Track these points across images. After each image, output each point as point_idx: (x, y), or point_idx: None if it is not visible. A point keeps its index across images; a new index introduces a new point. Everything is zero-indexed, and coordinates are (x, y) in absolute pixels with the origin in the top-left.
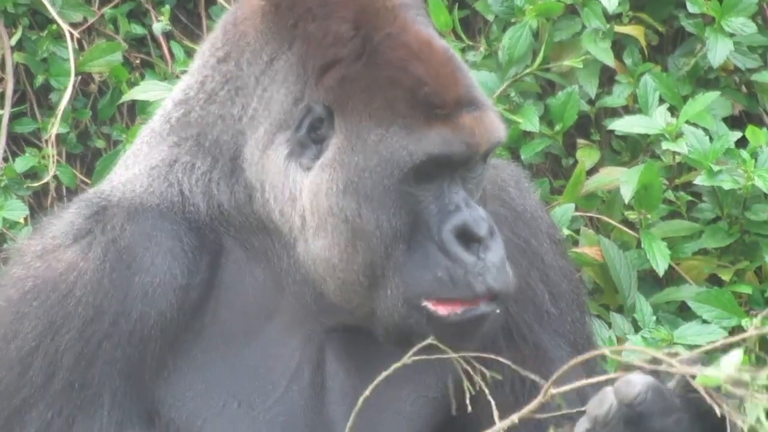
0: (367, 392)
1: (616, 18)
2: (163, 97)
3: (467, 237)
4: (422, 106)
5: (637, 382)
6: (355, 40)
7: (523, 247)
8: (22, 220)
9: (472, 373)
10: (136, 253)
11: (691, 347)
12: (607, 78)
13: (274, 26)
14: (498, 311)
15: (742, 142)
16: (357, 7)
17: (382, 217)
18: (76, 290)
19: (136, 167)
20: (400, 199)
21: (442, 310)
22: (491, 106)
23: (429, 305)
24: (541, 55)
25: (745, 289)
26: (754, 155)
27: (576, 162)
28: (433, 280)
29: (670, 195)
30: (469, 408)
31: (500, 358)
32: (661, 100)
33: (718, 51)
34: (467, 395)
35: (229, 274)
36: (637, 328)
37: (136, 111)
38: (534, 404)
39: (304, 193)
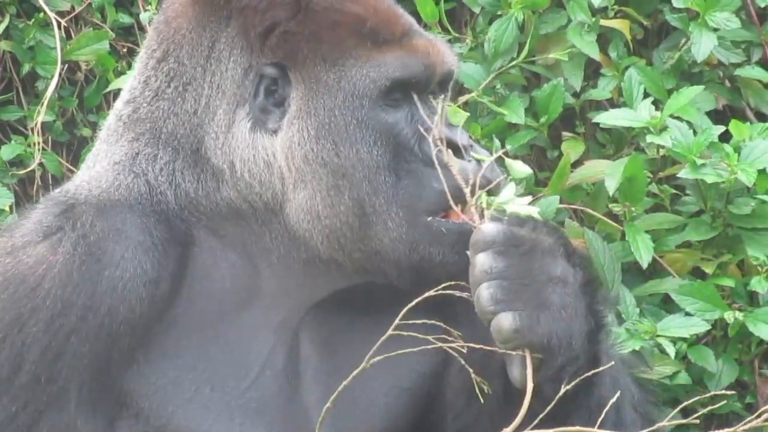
0: (346, 381)
1: (602, 12)
2: None
3: (452, 148)
4: (370, 37)
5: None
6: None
7: None
8: (7, 208)
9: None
10: (106, 248)
11: (674, 340)
12: (592, 71)
13: (207, 10)
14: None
15: (725, 136)
16: None
17: (363, 149)
18: (45, 283)
19: (98, 165)
20: (374, 128)
21: (449, 225)
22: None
23: (436, 221)
24: (526, 47)
25: (728, 282)
26: (738, 149)
27: (561, 154)
28: (435, 195)
29: (654, 188)
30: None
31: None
32: (646, 94)
33: (702, 45)
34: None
35: (202, 262)
36: (620, 321)
37: None
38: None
39: (277, 154)
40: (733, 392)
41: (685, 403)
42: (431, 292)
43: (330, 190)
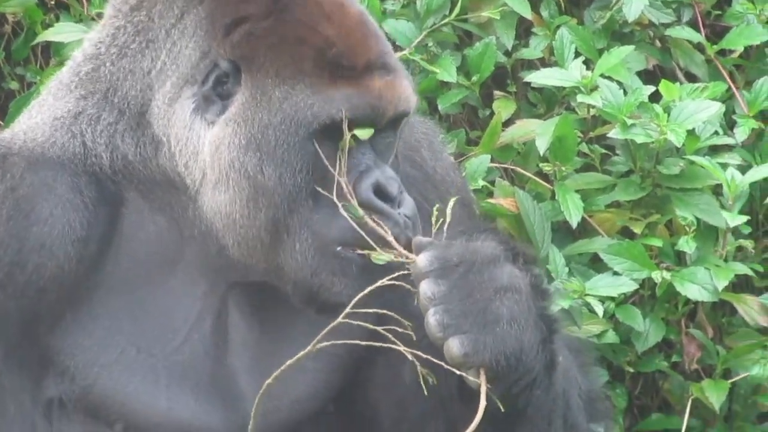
0: (283, 368)
1: None
2: (77, 39)
3: (382, 195)
4: (330, 66)
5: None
6: None
7: (430, 211)
8: None
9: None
10: (35, 204)
11: (602, 299)
12: (523, 30)
13: None
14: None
15: (655, 97)
16: None
17: (285, 174)
18: None
19: (39, 117)
20: (304, 156)
21: (354, 255)
22: (405, 74)
23: (343, 252)
24: (458, 5)
25: (656, 242)
26: (667, 110)
27: (492, 113)
28: (347, 230)
29: (584, 148)
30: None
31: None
32: (577, 53)
33: (634, 5)
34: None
35: (131, 224)
36: (550, 280)
37: (51, 53)
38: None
39: (206, 147)
40: None
41: None
42: (384, 281)
43: (249, 202)
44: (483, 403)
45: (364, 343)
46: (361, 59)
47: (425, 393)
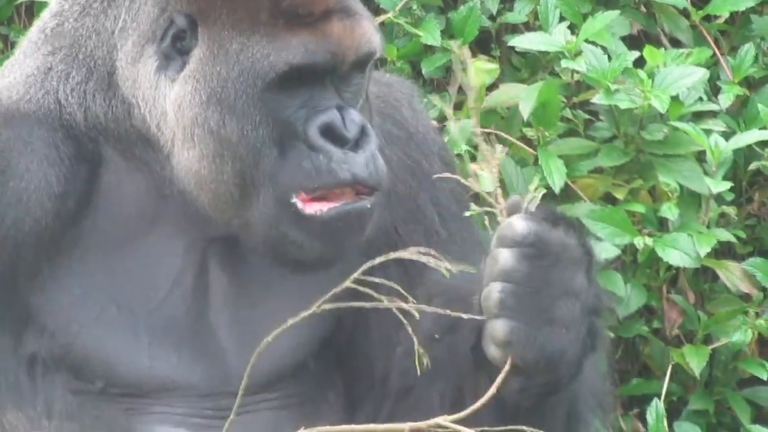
0: (270, 338)
1: None
2: None
3: (334, 137)
4: (286, 15)
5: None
6: None
7: (413, 168)
8: None
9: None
10: (11, 159)
11: None
12: None
13: None
14: (368, 206)
15: (639, 62)
16: None
17: (247, 127)
18: None
19: (11, 76)
20: (264, 108)
21: (309, 209)
22: (366, 15)
23: (298, 203)
24: None
25: (639, 208)
26: (652, 75)
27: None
28: (298, 173)
29: (567, 113)
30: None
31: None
32: (562, 18)
33: None
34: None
35: (109, 182)
36: None
37: (34, 12)
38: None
39: (171, 106)
40: None
41: None
42: (396, 254)
43: (215, 158)
44: (493, 389)
45: (367, 305)
46: (319, 6)
47: (418, 371)
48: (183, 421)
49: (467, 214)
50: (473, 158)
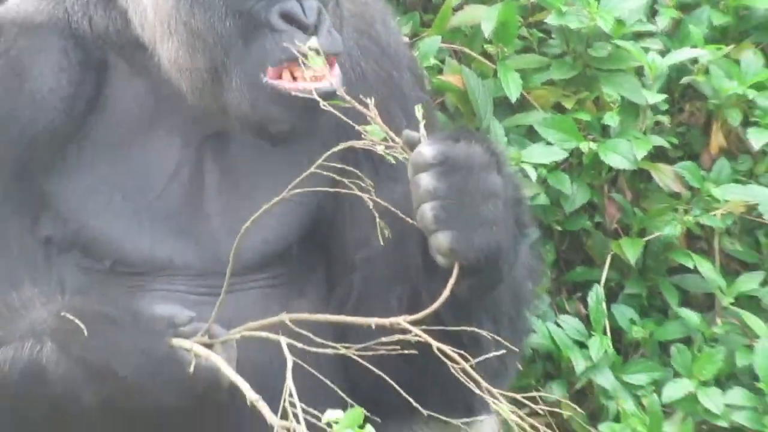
0: (257, 214)
1: None
2: None
3: (294, 22)
4: None
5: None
6: None
7: (385, 78)
8: None
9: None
10: (27, 64)
11: (536, 166)
12: None
13: None
14: (332, 85)
15: None
16: None
17: (215, 18)
18: None
19: None
20: (227, 3)
21: (279, 85)
22: None
23: (267, 80)
24: None
25: (585, 116)
26: None
27: None
28: (264, 53)
29: (524, 32)
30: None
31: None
32: None
33: None
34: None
35: (114, 86)
36: None
37: None
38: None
39: (149, 4)
40: None
41: None
42: (351, 143)
43: (189, 48)
44: (447, 293)
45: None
46: None
47: (381, 242)
48: (181, 298)
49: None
50: (440, 71)
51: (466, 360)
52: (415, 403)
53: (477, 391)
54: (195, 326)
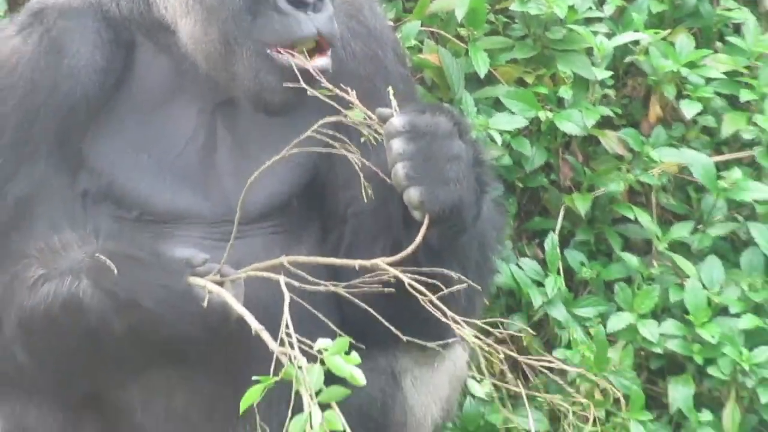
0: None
1: None
2: None
3: (297, 2)
4: None
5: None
6: None
7: (371, 56)
8: (1, 12)
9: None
10: (65, 42)
11: (501, 132)
12: None
13: None
14: (326, 65)
15: None
16: None
17: None
18: (19, 67)
19: None
20: None
21: (282, 59)
22: None
23: (273, 54)
24: None
25: (543, 90)
26: None
27: None
28: (272, 32)
29: (492, 17)
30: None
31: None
32: None
33: None
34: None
35: (141, 62)
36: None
37: None
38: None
39: None
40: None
41: None
42: (340, 117)
43: (204, 22)
44: (419, 240)
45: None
46: None
47: (365, 201)
48: (197, 243)
49: (362, 140)
50: (420, 50)
51: (435, 294)
52: (396, 331)
53: (444, 320)
54: (209, 266)
